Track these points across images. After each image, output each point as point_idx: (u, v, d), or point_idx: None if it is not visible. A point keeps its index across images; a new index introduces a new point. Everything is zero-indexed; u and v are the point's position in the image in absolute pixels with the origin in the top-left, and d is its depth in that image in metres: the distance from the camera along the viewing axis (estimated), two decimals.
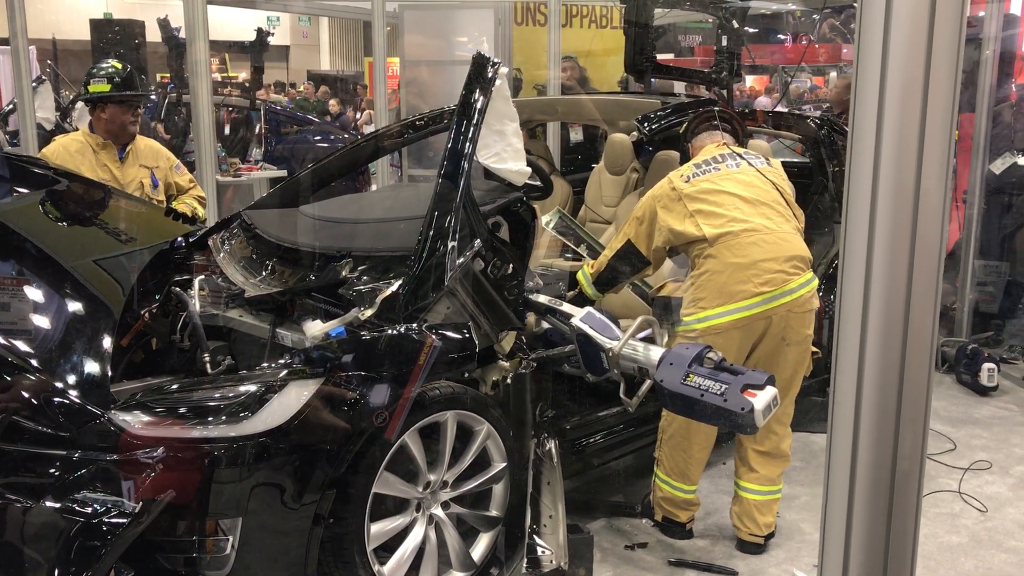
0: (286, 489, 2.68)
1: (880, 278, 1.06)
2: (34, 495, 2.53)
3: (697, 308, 3.38)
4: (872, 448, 1.09)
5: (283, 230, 3.67)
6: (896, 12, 1.02)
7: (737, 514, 3.64)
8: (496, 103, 3.28)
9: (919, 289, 1.06)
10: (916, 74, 1.01)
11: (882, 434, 1.08)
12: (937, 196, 1.04)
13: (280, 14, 19.21)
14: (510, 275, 3.30)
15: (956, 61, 1.03)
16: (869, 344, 1.07)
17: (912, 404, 1.08)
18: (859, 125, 1.07)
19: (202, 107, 6.08)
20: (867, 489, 1.09)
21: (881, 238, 1.05)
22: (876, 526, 1.09)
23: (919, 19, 1.01)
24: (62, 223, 3.88)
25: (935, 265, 1.06)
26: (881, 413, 1.08)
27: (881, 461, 1.08)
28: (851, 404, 1.09)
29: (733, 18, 5.00)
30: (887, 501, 1.08)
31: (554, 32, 7.42)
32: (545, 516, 3.27)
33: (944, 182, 1.04)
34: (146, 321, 3.51)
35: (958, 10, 1.02)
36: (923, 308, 1.07)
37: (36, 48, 7.77)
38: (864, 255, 1.06)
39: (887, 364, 1.07)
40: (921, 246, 1.04)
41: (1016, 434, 4.86)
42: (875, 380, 1.08)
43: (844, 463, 1.10)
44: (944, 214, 1.06)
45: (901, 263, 1.05)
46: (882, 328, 1.07)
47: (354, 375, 2.81)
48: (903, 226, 1.04)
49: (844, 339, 1.09)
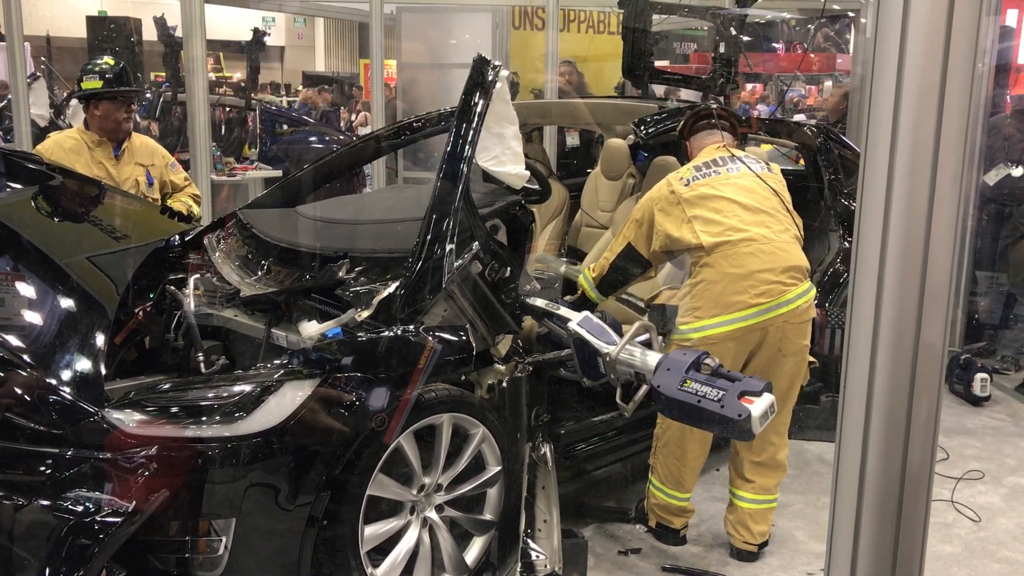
0: (280, 490, 2.66)
1: (892, 287, 1.06)
2: (26, 493, 2.50)
3: (693, 317, 3.37)
4: (881, 458, 1.08)
5: (279, 230, 3.66)
6: (913, 23, 1.02)
7: (731, 522, 3.64)
8: (496, 106, 3.27)
9: (930, 297, 1.05)
10: (932, 82, 1.01)
11: (891, 444, 1.07)
12: (951, 205, 1.03)
13: (275, 15, 19.18)
14: (507, 278, 3.29)
15: (971, 72, 1.03)
16: (880, 354, 1.06)
17: (922, 414, 1.07)
18: (873, 135, 1.06)
19: (198, 106, 6.06)
20: (875, 499, 1.08)
21: (894, 248, 1.05)
22: (884, 537, 1.09)
23: (935, 30, 1.01)
24: (56, 219, 3.86)
25: (947, 273, 1.06)
26: (891, 423, 1.07)
27: (890, 471, 1.08)
28: (861, 414, 1.09)
29: (731, 24, 5.00)
30: (895, 511, 1.08)
31: (552, 36, 7.42)
32: (539, 520, 3.26)
33: (957, 191, 1.04)
34: (140, 319, 3.48)
35: (974, 22, 1.02)
36: (934, 317, 1.06)
37: (31, 45, 7.73)
38: (876, 264, 1.06)
39: (897, 373, 1.07)
40: (934, 255, 1.04)
41: (1008, 444, 4.87)
42: (885, 390, 1.07)
43: (853, 473, 1.10)
44: (956, 223, 1.06)
45: (913, 272, 1.04)
46: (893, 338, 1.06)
47: (351, 377, 2.80)
48: (916, 235, 1.04)
49: (855, 349, 1.09)
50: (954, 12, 0.99)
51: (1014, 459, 4.68)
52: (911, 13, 1.00)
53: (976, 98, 5.94)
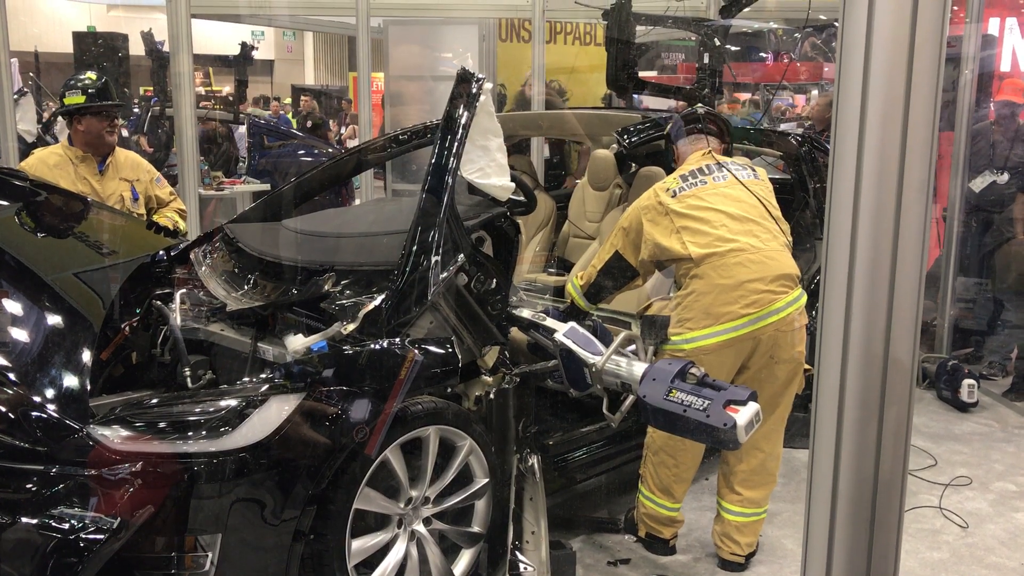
0: (266, 505, 2.66)
1: (861, 293, 1.07)
2: (10, 511, 2.49)
3: (685, 328, 3.37)
4: (853, 463, 1.09)
5: (266, 244, 3.66)
6: (877, 32, 1.03)
7: (719, 533, 3.63)
8: (480, 118, 3.28)
9: (900, 304, 1.06)
10: (897, 93, 1.02)
11: (863, 449, 1.08)
12: (918, 213, 1.04)
13: (264, 28, 19.20)
14: (493, 290, 3.30)
15: (936, 81, 1.04)
16: (851, 359, 1.07)
17: (894, 419, 1.08)
18: (840, 143, 1.07)
19: (185, 121, 6.06)
20: (849, 504, 1.09)
21: (862, 254, 1.06)
22: (858, 542, 1.09)
23: (899, 39, 1.02)
24: (41, 235, 3.85)
25: (916, 280, 1.07)
26: (862, 428, 1.08)
27: (862, 476, 1.08)
28: (833, 420, 1.09)
29: (715, 36, 5.04)
30: (869, 516, 1.08)
31: (538, 49, 7.45)
32: (527, 532, 3.26)
33: (925, 199, 1.05)
34: (126, 335, 3.47)
35: (938, 30, 1.03)
36: (904, 323, 1.07)
37: (19, 61, 7.73)
38: (845, 271, 1.06)
39: (869, 379, 1.08)
40: (902, 262, 1.05)
41: (996, 450, 4.89)
42: (856, 395, 1.08)
43: (826, 478, 1.10)
44: (924, 231, 1.07)
45: (882, 279, 1.05)
46: (863, 343, 1.07)
47: (336, 390, 2.80)
48: (884, 243, 1.05)
49: (826, 354, 1.10)
50: (917, 23, 1.00)
51: (1002, 465, 4.69)
52: (875, 24, 1.02)
53: (960, 106, 6.01)
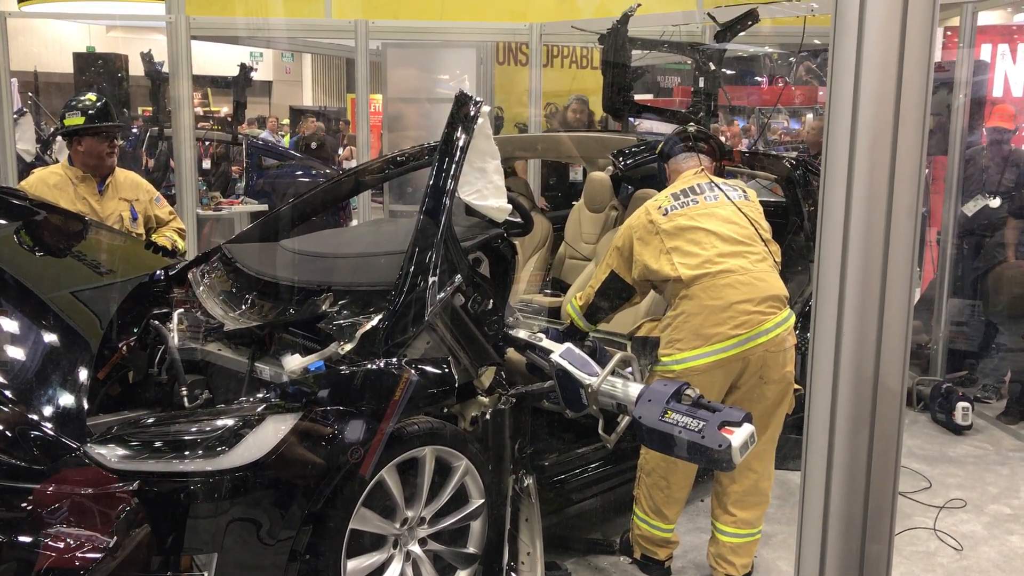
0: (262, 524, 2.66)
1: (851, 318, 1.09)
2: (6, 530, 2.49)
3: (675, 349, 3.40)
4: (844, 483, 1.10)
5: (263, 264, 3.68)
6: (866, 58, 1.06)
7: (714, 555, 3.63)
8: (478, 141, 3.32)
9: (889, 327, 1.08)
10: (885, 120, 1.04)
11: (854, 469, 1.10)
12: (907, 238, 1.07)
13: (263, 50, 19.32)
14: (490, 310, 3.32)
15: (924, 107, 1.07)
16: (842, 381, 1.09)
17: (883, 440, 1.10)
18: (831, 168, 1.10)
19: (184, 141, 6.09)
20: (840, 522, 1.10)
21: (852, 276, 1.08)
22: (849, 562, 1.11)
23: (888, 65, 1.05)
24: (40, 254, 3.87)
25: (904, 303, 1.09)
26: (853, 449, 1.10)
27: (854, 495, 1.10)
28: (824, 441, 1.11)
29: (710, 60, 5.09)
30: (859, 535, 1.10)
31: (535, 72, 7.51)
32: (523, 553, 3.26)
33: (914, 224, 1.07)
34: (124, 354, 3.48)
35: (926, 56, 1.06)
36: (894, 346, 1.09)
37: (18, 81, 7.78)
38: (836, 296, 1.09)
39: (859, 401, 1.09)
40: (891, 286, 1.07)
41: (991, 472, 4.90)
42: (847, 417, 1.10)
43: (818, 498, 1.12)
44: (912, 256, 1.09)
45: (871, 303, 1.07)
46: (854, 366, 1.09)
47: (332, 410, 2.81)
48: (873, 267, 1.07)
49: (817, 375, 1.12)
50: (905, 51, 1.03)
51: (996, 487, 4.70)
52: (864, 52, 1.04)
53: (953, 131, 6.07)
